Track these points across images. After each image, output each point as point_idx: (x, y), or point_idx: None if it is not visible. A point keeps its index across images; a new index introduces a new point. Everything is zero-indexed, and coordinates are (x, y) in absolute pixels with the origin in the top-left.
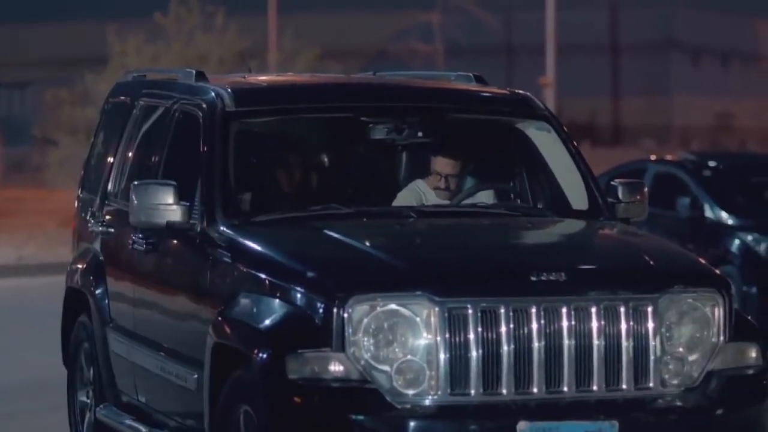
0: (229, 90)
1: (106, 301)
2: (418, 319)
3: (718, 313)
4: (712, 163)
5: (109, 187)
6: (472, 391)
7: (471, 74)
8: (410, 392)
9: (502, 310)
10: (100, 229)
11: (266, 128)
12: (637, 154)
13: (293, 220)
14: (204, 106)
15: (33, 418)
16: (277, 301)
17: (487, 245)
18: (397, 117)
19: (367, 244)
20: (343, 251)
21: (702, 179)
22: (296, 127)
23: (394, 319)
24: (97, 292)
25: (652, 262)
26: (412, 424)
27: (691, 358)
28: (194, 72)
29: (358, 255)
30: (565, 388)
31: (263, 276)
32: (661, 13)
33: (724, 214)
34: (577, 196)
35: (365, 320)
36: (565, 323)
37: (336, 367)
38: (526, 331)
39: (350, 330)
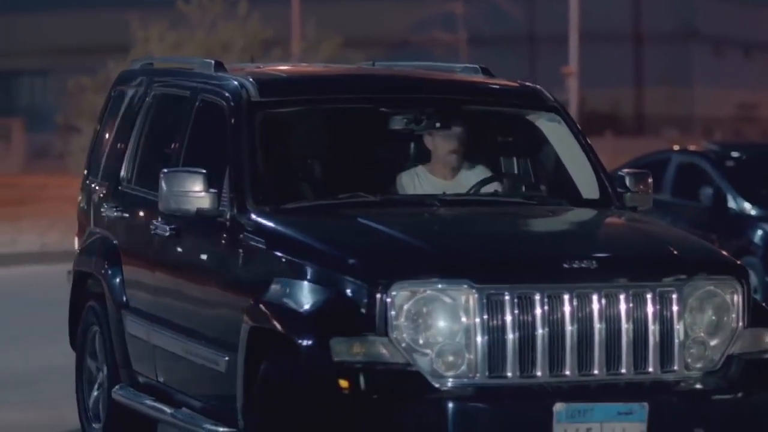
0: (253, 80)
1: (122, 284)
2: (457, 304)
3: (738, 299)
4: (735, 154)
5: (122, 173)
6: (509, 374)
7: (478, 66)
8: (450, 374)
9: (537, 297)
10: (115, 214)
11: (289, 118)
12: (660, 145)
13: (322, 207)
14: (228, 96)
15: (51, 405)
16: (318, 286)
17: (518, 233)
18: (416, 108)
19: (404, 231)
20: (382, 238)
21: (725, 169)
22: (318, 116)
23: (435, 305)
24: (111, 275)
25: (675, 251)
26: (454, 405)
27: (713, 342)
28: (213, 62)
29: (398, 242)
30: (596, 371)
31: (302, 262)
32: (684, 3)
33: (746, 205)
34: (587, 186)
35: (407, 305)
36: (596, 309)
37: (379, 351)
38: (559, 316)
39: (393, 315)
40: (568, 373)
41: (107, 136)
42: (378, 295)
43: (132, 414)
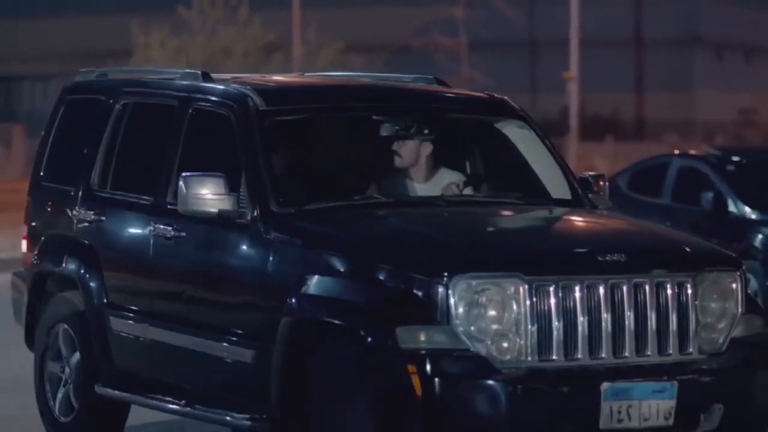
0: (256, 90)
1: (102, 283)
2: (510, 295)
3: (738, 288)
4: (735, 158)
5: (93, 178)
6: (555, 357)
7: (432, 77)
8: (505, 358)
9: (577, 287)
10: (92, 217)
11: (292, 126)
12: (661, 149)
13: (343, 208)
14: (234, 105)
15: None
16: (374, 281)
17: (547, 230)
18: (405, 116)
19: (444, 230)
20: (430, 236)
21: (726, 174)
22: (318, 123)
23: (490, 296)
24: (90, 275)
25: (685, 246)
26: (518, 386)
27: (719, 327)
28: (200, 72)
29: (446, 239)
30: (627, 354)
31: (353, 259)
32: (685, 8)
33: (747, 209)
34: (557, 188)
35: (466, 297)
36: (626, 297)
37: (442, 338)
38: (595, 304)
39: (453, 305)
40: (604, 356)
41: (65, 142)
42: (440, 288)
43: (106, 406)
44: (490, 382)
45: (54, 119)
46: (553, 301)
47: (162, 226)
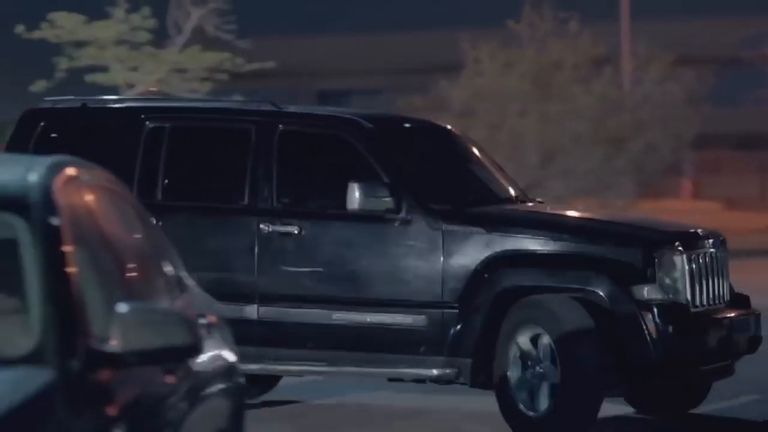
0: (356, 115)
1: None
2: (679, 262)
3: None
4: None
5: (132, 190)
6: (699, 304)
7: (269, 100)
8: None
9: (694, 256)
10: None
11: (392, 141)
12: None
13: (481, 204)
14: (351, 128)
15: None
16: (592, 254)
17: (646, 219)
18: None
19: (609, 218)
20: (618, 223)
21: None
22: (401, 141)
23: (673, 262)
24: None
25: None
26: (702, 322)
27: (724, 283)
28: (271, 101)
29: (638, 225)
30: (714, 302)
31: (565, 239)
32: None
33: None
34: (512, 188)
35: (664, 264)
36: (709, 263)
37: (655, 292)
38: (700, 268)
39: (659, 269)
40: (705, 302)
41: None
42: (653, 258)
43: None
44: (693, 320)
45: (28, 140)
46: (688, 266)
47: (275, 226)
